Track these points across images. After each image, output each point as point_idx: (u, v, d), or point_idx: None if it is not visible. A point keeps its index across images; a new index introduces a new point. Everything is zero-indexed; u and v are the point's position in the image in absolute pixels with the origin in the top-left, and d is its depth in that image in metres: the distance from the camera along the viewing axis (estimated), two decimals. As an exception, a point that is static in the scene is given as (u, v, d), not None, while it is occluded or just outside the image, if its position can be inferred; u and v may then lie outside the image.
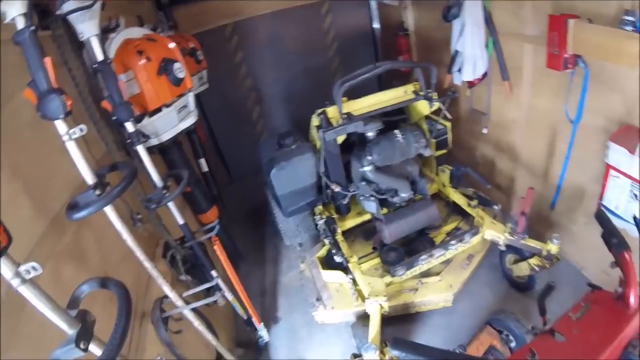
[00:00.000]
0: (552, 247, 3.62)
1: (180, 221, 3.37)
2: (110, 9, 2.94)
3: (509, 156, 5.02)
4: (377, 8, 7.49)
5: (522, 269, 4.03)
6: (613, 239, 2.81)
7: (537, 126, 4.40)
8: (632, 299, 2.65)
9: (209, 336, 3.13)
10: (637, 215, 3.09)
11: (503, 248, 4.15)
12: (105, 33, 3.05)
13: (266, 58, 7.26)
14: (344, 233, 4.72)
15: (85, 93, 2.82)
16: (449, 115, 4.64)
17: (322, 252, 4.74)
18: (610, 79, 3.36)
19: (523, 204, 3.82)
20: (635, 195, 3.17)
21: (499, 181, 5.34)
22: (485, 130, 5.16)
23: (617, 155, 3.20)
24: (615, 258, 2.78)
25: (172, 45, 3.26)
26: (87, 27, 2.48)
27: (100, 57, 2.60)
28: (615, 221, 3.08)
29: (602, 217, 2.97)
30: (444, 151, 5.05)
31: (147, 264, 2.51)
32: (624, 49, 2.93)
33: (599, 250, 3.45)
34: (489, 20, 4.42)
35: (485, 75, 4.77)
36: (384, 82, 6.90)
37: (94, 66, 2.66)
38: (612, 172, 3.31)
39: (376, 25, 7.66)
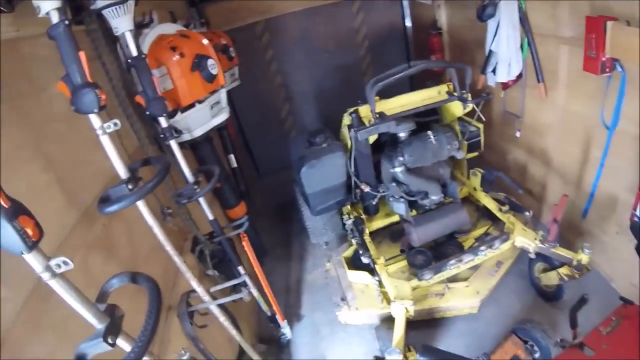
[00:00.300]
0: (583, 257, 3.51)
1: (210, 217, 3.40)
2: (143, 4, 2.98)
3: (542, 161, 4.90)
4: (409, 6, 7.42)
5: (550, 278, 3.93)
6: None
7: (572, 131, 4.27)
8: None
9: (233, 332, 3.14)
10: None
11: (533, 256, 4.05)
12: (139, 28, 3.10)
13: (297, 55, 7.27)
14: (371, 234, 4.68)
15: (119, 88, 2.87)
16: (482, 117, 4.55)
17: (349, 252, 4.72)
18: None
19: (555, 211, 3.72)
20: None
21: (530, 186, 5.22)
22: (518, 134, 5.05)
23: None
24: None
25: (205, 41, 3.28)
26: (121, 22, 2.51)
27: (134, 52, 2.63)
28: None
29: (637, 229, 2.89)
30: (475, 154, 4.95)
31: (177, 259, 2.54)
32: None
33: (630, 262, 3.38)
34: (524, 21, 4.32)
35: (519, 76, 4.67)
36: (416, 82, 6.82)
37: (128, 61, 2.69)
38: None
39: (408, 23, 7.59)
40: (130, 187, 1.96)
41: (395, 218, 4.92)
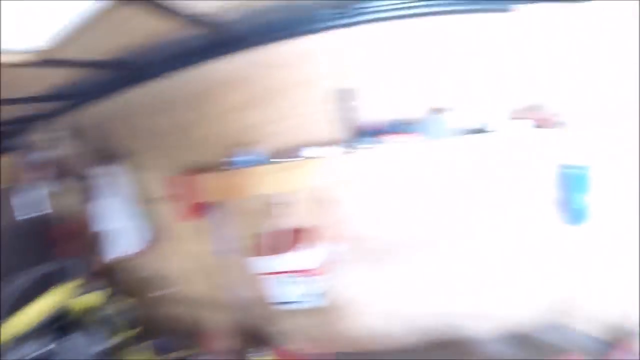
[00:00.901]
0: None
1: None
2: None
3: (197, 303, 5.16)
4: (45, 197, 6.92)
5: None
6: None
7: (205, 268, 4.79)
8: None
9: None
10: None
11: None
12: None
13: None
14: None
15: None
16: (126, 295, 4.58)
17: None
18: (239, 208, 4.20)
19: (225, 341, 4.31)
20: (291, 282, 3.91)
21: (198, 328, 5.23)
22: (166, 291, 5.21)
23: (262, 263, 3.90)
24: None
25: None
26: None
27: None
28: (291, 306, 4.02)
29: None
30: (136, 330, 4.75)
31: None
32: (238, 184, 3.81)
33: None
34: (134, 191, 4.67)
35: (147, 241, 4.87)
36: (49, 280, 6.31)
37: None
38: (269, 277, 3.97)
39: (39, 215, 7.02)
40: None
41: None
